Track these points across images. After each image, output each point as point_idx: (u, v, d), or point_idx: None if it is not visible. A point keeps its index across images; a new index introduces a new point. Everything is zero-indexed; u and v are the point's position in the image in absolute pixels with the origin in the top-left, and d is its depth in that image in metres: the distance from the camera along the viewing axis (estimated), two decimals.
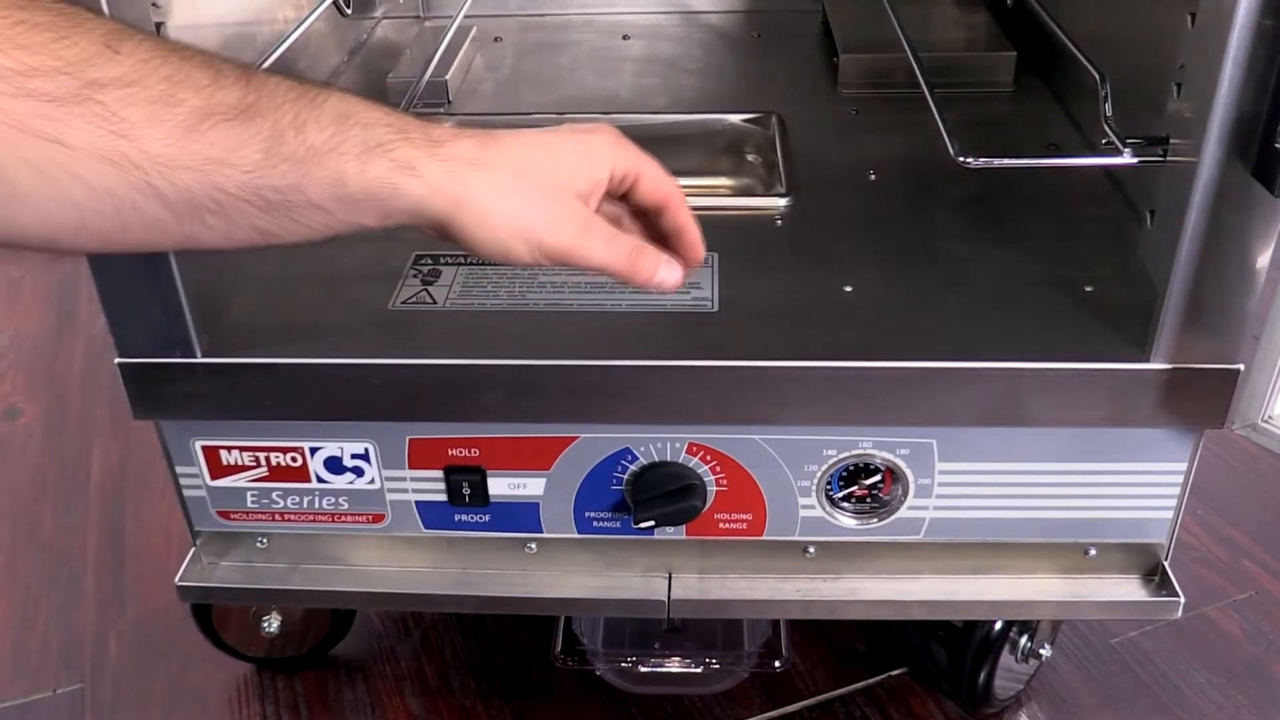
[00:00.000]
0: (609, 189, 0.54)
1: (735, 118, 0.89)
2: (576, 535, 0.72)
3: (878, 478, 0.69)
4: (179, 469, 0.71)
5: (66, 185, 0.40)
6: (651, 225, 0.57)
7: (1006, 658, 0.80)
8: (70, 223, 0.42)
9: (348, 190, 0.45)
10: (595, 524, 0.72)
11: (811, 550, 0.72)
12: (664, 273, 0.54)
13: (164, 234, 0.44)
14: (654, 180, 0.55)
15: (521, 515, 0.72)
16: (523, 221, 0.49)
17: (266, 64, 0.75)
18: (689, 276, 0.69)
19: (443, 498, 0.71)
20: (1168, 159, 0.62)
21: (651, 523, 0.68)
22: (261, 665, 0.90)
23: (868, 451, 0.68)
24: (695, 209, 0.76)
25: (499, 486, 0.70)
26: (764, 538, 0.72)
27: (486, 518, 0.72)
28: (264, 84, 0.44)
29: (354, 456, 0.70)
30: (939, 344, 0.63)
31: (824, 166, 0.83)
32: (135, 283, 0.61)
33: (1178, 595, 0.71)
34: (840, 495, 0.70)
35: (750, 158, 0.88)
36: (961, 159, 0.68)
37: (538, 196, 0.50)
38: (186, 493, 0.72)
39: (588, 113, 0.91)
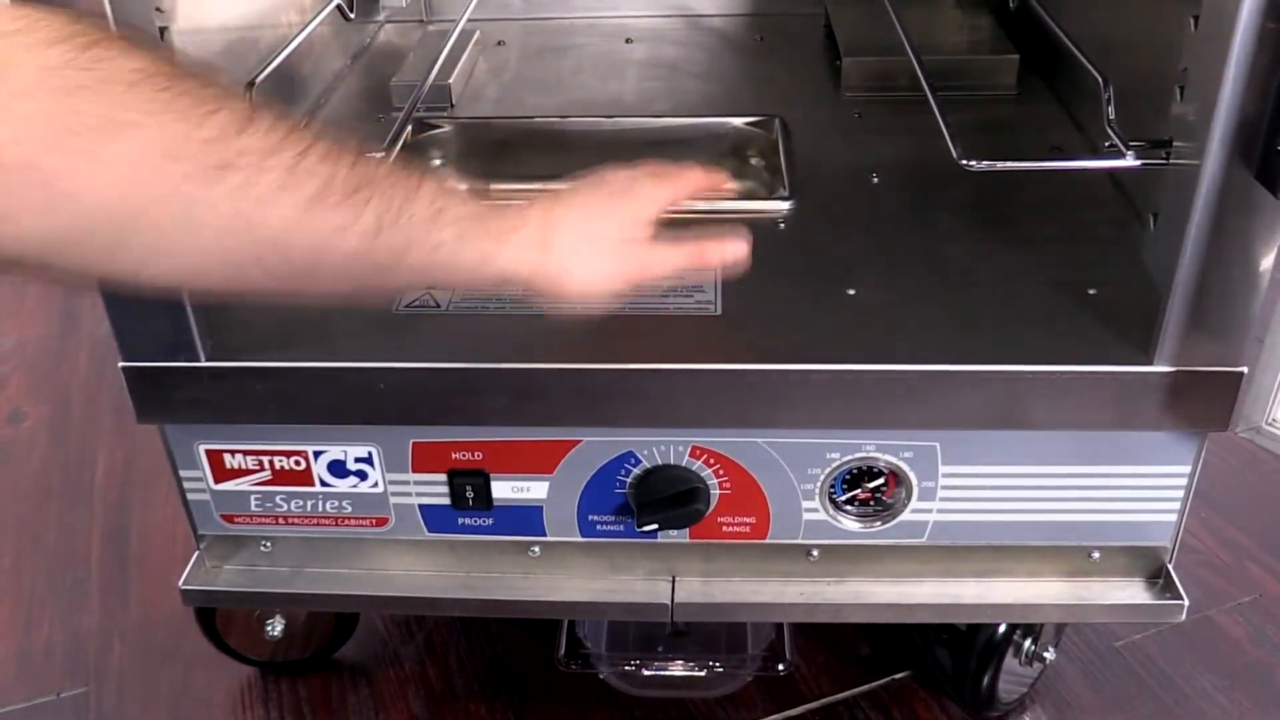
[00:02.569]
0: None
1: (738, 121, 0.89)
2: (580, 539, 0.73)
3: (881, 481, 0.69)
4: (183, 473, 0.72)
5: (206, 242, 0.45)
6: None
7: (1010, 661, 0.80)
8: (190, 272, 0.47)
9: (440, 264, 0.52)
10: (599, 527, 0.72)
11: (815, 553, 0.72)
12: (731, 251, 0.61)
13: (274, 286, 0.49)
14: (690, 194, 0.63)
15: (525, 518, 0.72)
16: (591, 278, 0.57)
17: (271, 68, 0.75)
18: (693, 280, 0.69)
19: (446, 501, 0.71)
20: (1171, 162, 0.62)
21: (655, 526, 0.68)
22: (265, 669, 0.90)
23: (871, 455, 0.68)
24: (698, 212, 0.76)
25: (502, 490, 0.71)
26: (767, 541, 0.72)
27: (490, 521, 0.72)
28: (370, 163, 0.49)
29: (357, 460, 0.70)
30: (942, 347, 0.63)
31: (827, 170, 0.83)
32: None
33: (1182, 598, 0.71)
34: (844, 498, 0.70)
35: (753, 161, 0.88)
36: (964, 162, 0.68)
37: (600, 254, 0.57)
38: (190, 496, 0.73)
39: (590, 117, 0.91)
